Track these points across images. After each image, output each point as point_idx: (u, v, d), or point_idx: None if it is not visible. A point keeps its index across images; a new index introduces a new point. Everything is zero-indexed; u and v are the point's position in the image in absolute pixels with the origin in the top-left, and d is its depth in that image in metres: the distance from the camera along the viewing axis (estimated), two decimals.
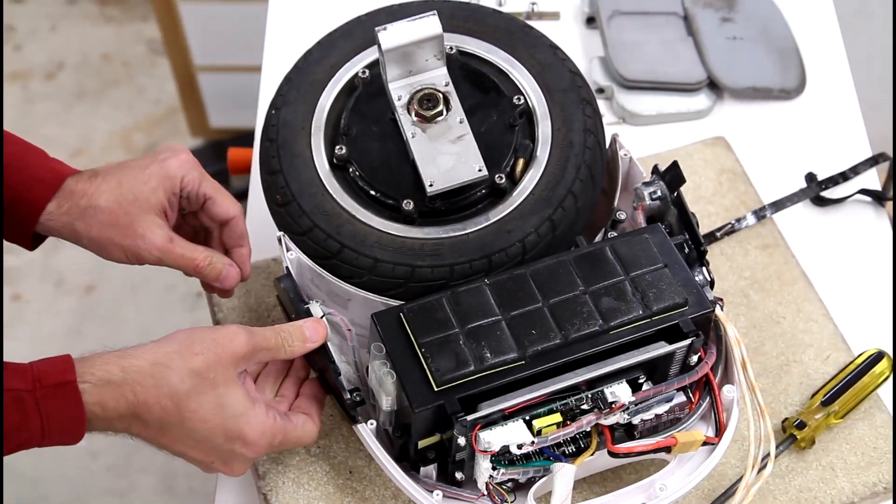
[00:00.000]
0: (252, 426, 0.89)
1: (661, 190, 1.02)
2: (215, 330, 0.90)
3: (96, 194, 0.96)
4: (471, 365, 0.89)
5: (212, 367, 0.87)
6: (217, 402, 0.87)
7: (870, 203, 1.26)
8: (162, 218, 0.98)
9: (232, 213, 1.00)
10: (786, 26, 1.40)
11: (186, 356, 0.87)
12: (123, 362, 0.85)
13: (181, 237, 0.99)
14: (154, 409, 0.85)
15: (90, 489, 2.10)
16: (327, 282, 1.00)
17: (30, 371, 0.82)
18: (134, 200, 0.96)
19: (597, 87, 1.35)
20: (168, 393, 0.85)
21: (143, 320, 2.33)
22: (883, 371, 1.06)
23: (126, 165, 0.99)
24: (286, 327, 0.93)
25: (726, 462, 1.03)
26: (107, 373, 0.84)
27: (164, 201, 0.97)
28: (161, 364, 0.86)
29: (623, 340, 0.92)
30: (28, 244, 1.00)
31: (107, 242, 0.97)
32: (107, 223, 0.96)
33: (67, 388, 0.82)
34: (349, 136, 1.04)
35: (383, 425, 0.94)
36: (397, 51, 1.01)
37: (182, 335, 0.89)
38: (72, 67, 2.80)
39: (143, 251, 0.96)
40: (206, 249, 0.99)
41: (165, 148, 1.01)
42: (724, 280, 1.16)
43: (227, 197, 1.01)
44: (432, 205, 1.01)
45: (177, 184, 0.98)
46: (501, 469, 0.90)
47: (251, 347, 0.90)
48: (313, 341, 0.93)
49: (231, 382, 0.88)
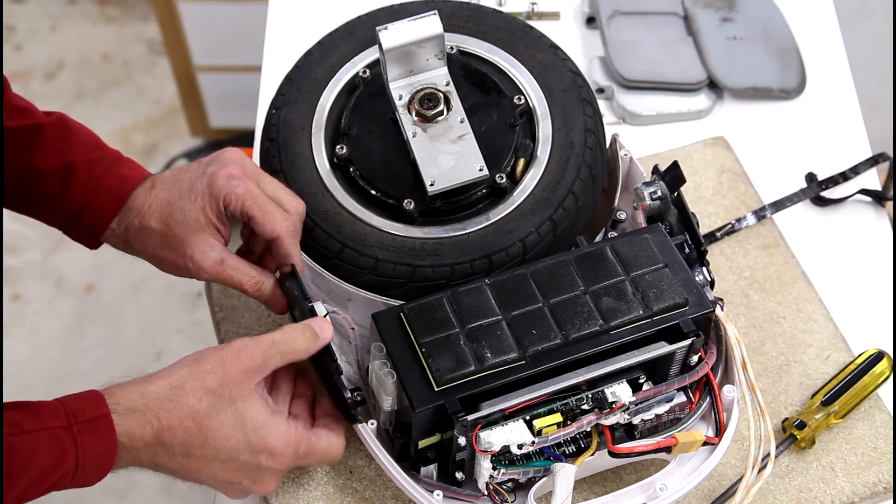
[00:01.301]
0: (275, 436, 0.88)
1: (662, 190, 1.02)
2: (223, 347, 0.89)
3: (148, 214, 0.96)
4: (471, 365, 0.89)
5: (225, 383, 0.86)
6: (237, 418, 0.86)
7: (870, 203, 1.26)
8: (214, 235, 0.96)
9: (275, 234, 0.95)
10: (786, 26, 1.40)
11: (199, 376, 0.86)
12: (141, 389, 0.85)
13: (234, 256, 0.97)
14: (178, 431, 0.84)
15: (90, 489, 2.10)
16: (328, 282, 1.00)
17: (62, 408, 0.82)
18: (183, 221, 0.95)
19: (597, 87, 1.35)
20: (189, 414, 0.85)
21: (143, 320, 2.33)
22: (883, 371, 1.06)
23: (178, 179, 0.97)
24: (295, 327, 0.92)
25: (726, 462, 1.03)
26: (130, 401, 0.83)
27: (214, 219, 0.95)
28: (177, 387, 0.85)
29: (623, 340, 0.92)
30: (92, 247, 1.01)
31: (161, 262, 0.98)
32: (159, 244, 0.96)
33: (103, 422, 0.82)
34: (350, 135, 1.04)
35: (384, 425, 0.94)
36: (398, 50, 1.01)
37: (190, 358, 0.88)
38: (72, 67, 2.80)
39: (194, 272, 0.96)
40: (257, 272, 0.97)
41: (216, 157, 0.98)
42: (725, 280, 1.16)
43: (272, 215, 0.95)
44: (433, 204, 1.01)
45: (220, 203, 0.95)
46: (502, 469, 0.90)
47: (260, 356, 0.89)
48: (324, 339, 0.92)
49: (248, 396, 0.87)
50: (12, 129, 0.96)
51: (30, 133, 0.96)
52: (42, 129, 0.97)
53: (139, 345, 2.29)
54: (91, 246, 1.00)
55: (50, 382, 2.23)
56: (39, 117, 0.98)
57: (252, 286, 0.97)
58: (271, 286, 0.98)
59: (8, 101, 0.97)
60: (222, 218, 0.96)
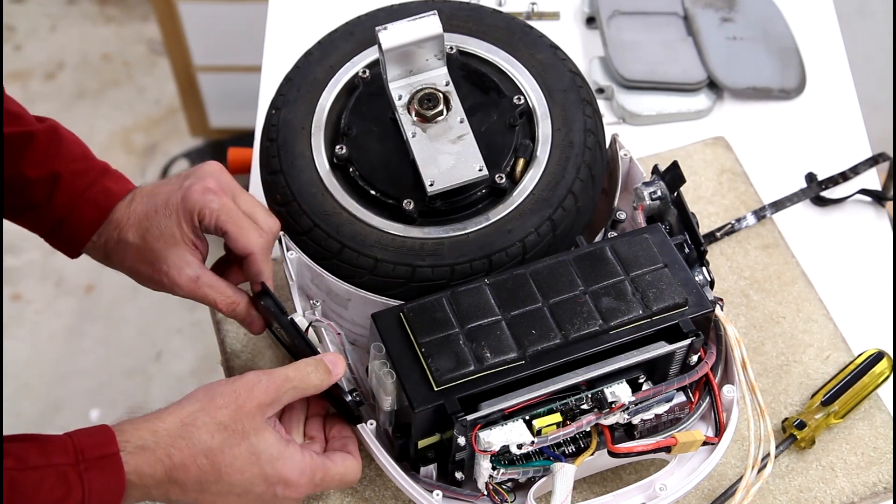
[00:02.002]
0: (290, 467, 0.87)
1: (661, 190, 1.02)
2: (234, 381, 0.88)
3: (126, 227, 0.96)
4: (471, 365, 0.89)
5: (238, 418, 0.86)
6: (251, 452, 0.86)
7: (870, 203, 1.26)
8: (191, 251, 0.96)
9: (248, 250, 0.95)
10: (786, 26, 1.40)
11: (211, 411, 0.85)
12: (152, 426, 0.84)
13: (210, 274, 0.97)
14: (191, 469, 0.84)
15: None
16: (327, 282, 1.00)
17: (70, 443, 0.81)
18: (159, 236, 0.95)
19: (597, 87, 1.35)
20: (202, 451, 0.84)
21: (143, 320, 2.33)
22: (883, 371, 1.06)
23: (156, 193, 0.97)
24: (308, 362, 0.91)
25: (726, 462, 1.03)
26: (140, 438, 0.83)
27: (190, 234, 0.95)
28: (188, 424, 0.84)
29: (623, 340, 0.92)
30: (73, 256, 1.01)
31: (138, 275, 0.98)
32: (136, 258, 0.96)
33: (111, 461, 0.81)
34: (349, 135, 1.04)
35: (383, 425, 0.94)
36: (398, 50, 1.01)
37: (202, 392, 0.87)
38: (72, 67, 2.81)
39: (169, 288, 0.96)
40: (233, 292, 0.97)
41: (194, 171, 0.97)
42: (724, 280, 1.16)
43: (246, 231, 0.95)
44: (432, 204, 1.01)
45: (195, 218, 0.95)
46: (501, 469, 0.90)
47: (273, 391, 0.88)
48: (336, 374, 0.91)
49: (261, 429, 0.87)
50: (4, 135, 0.96)
51: (21, 140, 0.96)
52: (33, 137, 0.96)
53: (139, 345, 2.29)
54: (71, 255, 1.00)
55: (50, 382, 2.23)
56: (31, 124, 0.98)
57: (226, 305, 0.97)
58: (245, 305, 0.98)
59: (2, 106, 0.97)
60: (198, 233, 0.96)
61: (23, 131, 0.97)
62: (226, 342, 1.13)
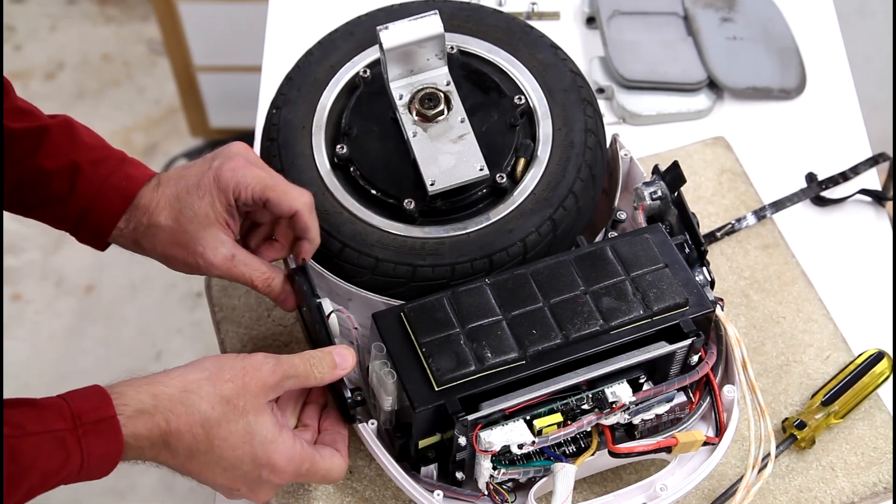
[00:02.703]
0: (280, 453, 0.88)
1: (662, 190, 1.02)
2: (244, 358, 0.88)
3: (156, 211, 0.96)
4: (471, 365, 0.89)
5: (241, 394, 0.86)
6: (246, 430, 0.86)
7: (870, 203, 1.26)
8: (224, 231, 0.96)
9: (293, 209, 0.95)
10: (786, 26, 1.40)
11: (216, 383, 0.86)
12: (154, 389, 0.84)
13: (245, 252, 0.97)
14: (185, 436, 0.84)
15: (90, 489, 2.09)
16: (328, 281, 1.00)
17: (66, 408, 0.81)
18: (192, 217, 0.95)
19: (597, 87, 1.35)
20: (199, 420, 0.84)
21: (143, 320, 2.33)
22: (883, 371, 1.06)
23: (184, 175, 0.97)
24: (315, 354, 0.91)
25: (726, 462, 1.03)
26: (139, 402, 0.83)
27: (224, 213, 0.95)
28: (191, 391, 0.85)
29: (624, 340, 0.92)
30: (100, 248, 1.00)
31: (171, 259, 0.97)
32: (168, 242, 0.96)
33: (109, 424, 0.81)
34: (350, 135, 1.04)
35: (384, 425, 0.94)
36: (399, 50, 1.01)
37: (210, 362, 0.88)
38: (72, 67, 2.80)
39: (204, 269, 0.96)
40: (267, 268, 0.97)
41: (220, 152, 0.97)
42: (725, 280, 1.16)
43: (287, 193, 0.95)
44: (433, 204, 1.01)
45: (230, 195, 0.95)
46: (502, 469, 0.90)
47: (280, 376, 0.88)
48: (343, 368, 0.91)
49: (260, 410, 0.87)
50: (19, 130, 0.95)
51: (36, 134, 0.96)
52: (48, 130, 0.97)
53: (139, 345, 2.29)
54: (99, 247, 1.00)
55: (50, 382, 2.23)
56: (44, 119, 0.98)
57: (262, 282, 0.97)
58: (281, 282, 0.98)
59: (12, 104, 0.96)
60: (232, 211, 0.96)
61: (36, 126, 0.96)
62: (226, 342, 1.13)
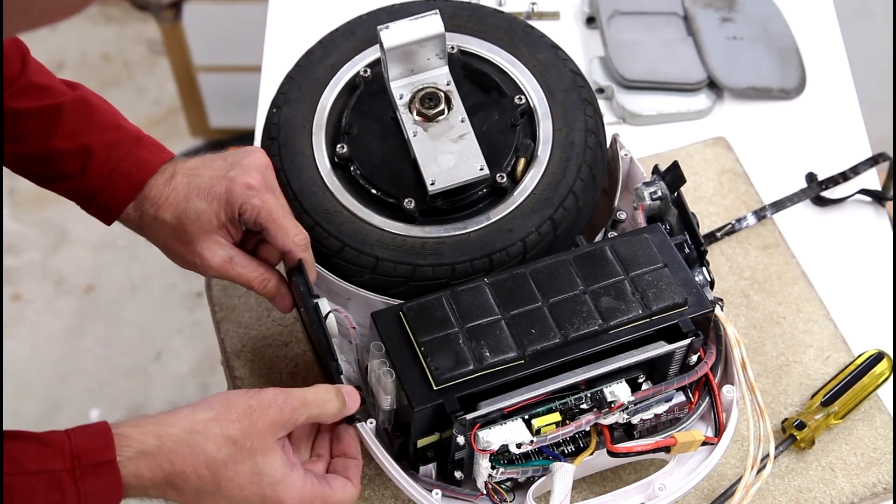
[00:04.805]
0: (289, 493, 0.86)
1: (662, 190, 1.02)
2: (252, 396, 0.87)
3: (164, 206, 0.96)
4: (470, 364, 0.89)
5: (249, 434, 0.85)
6: (254, 471, 0.85)
7: (870, 203, 1.26)
8: (224, 236, 0.97)
9: (285, 248, 0.96)
10: (786, 26, 1.40)
11: (224, 423, 0.85)
12: (159, 430, 0.83)
13: (242, 254, 0.97)
14: (191, 477, 0.83)
15: None
16: (328, 280, 1.00)
17: (68, 447, 0.80)
18: (196, 219, 0.95)
19: (597, 87, 1.35)
20: (205, 461, 0.83)
21: (143, 320, 2.33)
22: (883, 371, 1.06)
23: (199, 174, 0.97)
24: (326, 390, 0.90)
25: (726, 462, 1.03)
26: (143, 444, 0.82)
27: (226, 221, 0.96)
28: (197, 432, 0.84)
29: (622, 340, 0.92)
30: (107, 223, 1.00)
31: (171, 252, 0.98)
32: (170, 236, 0.97)
33: (108, 468, 0.80)
34: (350, 134, 1.04)
35: (383, 424, 0.94)
36: (399, 49, 1.01)
37: (218, 401, 0.86)
38: (72, 67, 2.80)
39: (202, 269, 0.97)
40: (264, 269, 0.98)
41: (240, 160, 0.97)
42: (724, 280, 1.16)
43: (284, 230, 0.95)
44: (433, 204, 1.01)
45: (236, 210, 0.95)
46: (500, 468, 0.90)
47: (289, 412, 0.87)
48: (350, 409, 0.91)
49: (269, 450, 0.86)
50: (32, 109, 0.95)
51: (49, 113, 0.96)
52: (62, 110, 0.96)
53: (139, 345, 2.29)
54: (106, 222, 1.00)
55: (50, 382, 2.23)
56: (60, 95, 0.97)
57: (259, 283, 0.98)
58: (276, 283, 0.98)
59: (28, 80, 0.96)
60: (235, 222, 0.97)
61: (50, 104, 0.96)
62: (226, 342, 1.13)
